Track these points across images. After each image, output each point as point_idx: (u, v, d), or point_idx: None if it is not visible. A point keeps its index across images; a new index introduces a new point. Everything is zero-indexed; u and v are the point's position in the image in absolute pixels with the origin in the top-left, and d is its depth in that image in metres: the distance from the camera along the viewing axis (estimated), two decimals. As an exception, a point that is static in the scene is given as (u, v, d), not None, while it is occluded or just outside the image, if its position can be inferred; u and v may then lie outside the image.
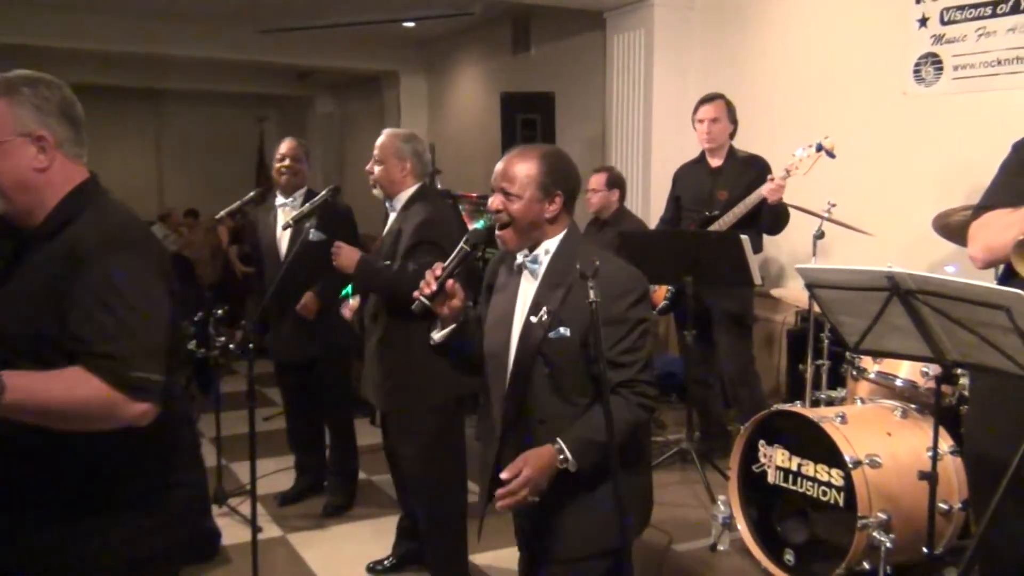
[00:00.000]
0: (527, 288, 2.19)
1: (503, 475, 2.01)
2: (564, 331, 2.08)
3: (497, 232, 2.18)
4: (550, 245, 2.18)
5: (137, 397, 1.67)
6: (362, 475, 4.49)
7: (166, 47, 9.29)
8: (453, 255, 2.18)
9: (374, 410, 5.05)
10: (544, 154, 2.18)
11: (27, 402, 1.60)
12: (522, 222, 2.14)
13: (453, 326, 2.21)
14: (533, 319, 2.12)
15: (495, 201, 2.16)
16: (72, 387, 1.64)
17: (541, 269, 2.16)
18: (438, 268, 2.14)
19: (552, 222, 2.17)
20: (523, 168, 2.14)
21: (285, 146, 4.21)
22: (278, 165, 4.18)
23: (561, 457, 2.03)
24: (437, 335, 2.24)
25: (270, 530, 4.06)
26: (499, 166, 2.18)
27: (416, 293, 2.13)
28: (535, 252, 2.18)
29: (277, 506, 4.35)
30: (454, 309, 2.18)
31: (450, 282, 2.13)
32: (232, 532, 3.91)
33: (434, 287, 2.11)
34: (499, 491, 2.01)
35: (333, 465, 4.41)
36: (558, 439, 2.04)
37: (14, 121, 1.72)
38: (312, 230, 3.46)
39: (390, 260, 3.21)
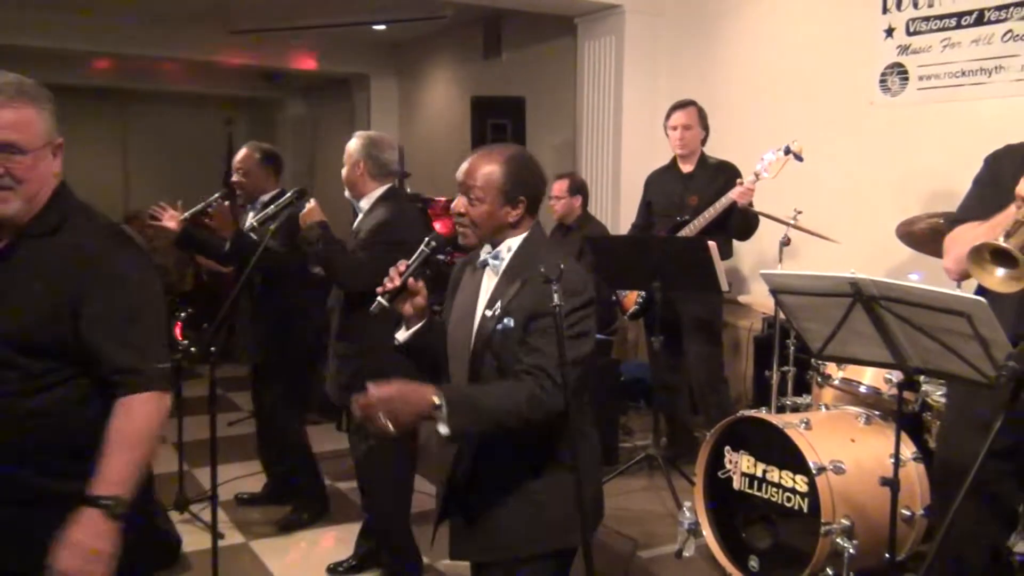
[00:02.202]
0: (488, 285, 2.19)
1: (369, 389, 1.94)
2: (508, 322, 2.06)
3: (459, 228, 2.18)
4: (512, 243, 2.17)
5: (166, 389, 1.86)
6: (328, 482, 4.44)
7: (134, 47, 9.18)
8: (415, 255, 2.17)
9: (340, 414, 5.01)
10: (508, 158, 2.15)
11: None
12: (483, 227, 2.14)
13: (418, 326, 2.20)
14: (488, 313, 2.12)
15: (458, 203, 2.15)
16: (143, 423, 1.82)
17: (502, 266, 2.16)
18: (401, 265, 2.14)
19: (515, 226, 2.17)
20: (485, 172, 2.12)
21: (236, 158, 4.15)
22: (231, 178, 4.15)
23: (436, 401, 1.93)
24: (401, 335, 2.22)
25: (232, 536, 4.00)
26: (464, 165, 2.16)
27: (378, 290, 2.12)
28: (498, 248, 2.17)
29: (235, 506, 4.30)
30: (418, 307, 2.17)
31: (411, 280, 2.12)
32: (193, 539, 3.85)
33: (397, 283, 2.11)
34: (358, 398, 1.94)
35: (297, 479, 4.32)
36: (439, 388, 1.98)
37: (44, 129, 1.81)
38: (269, 238, 3.45)
39: None
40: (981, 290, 2.34)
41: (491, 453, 2.11)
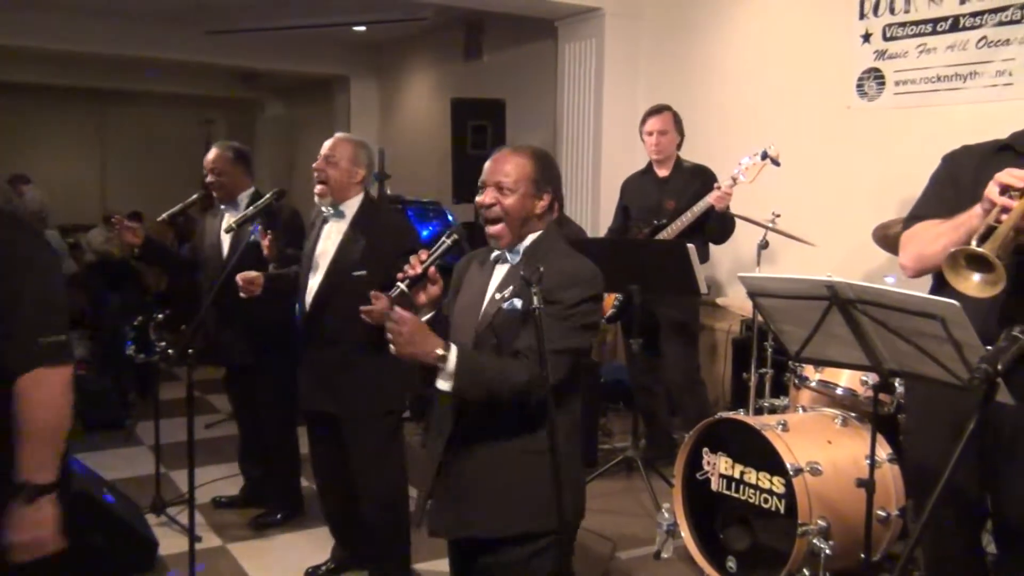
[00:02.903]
0: (500, 273, 2.25)
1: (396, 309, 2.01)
2: (516, 302, 2.13)
3: (489, 229, 2.22)
4: (529, 240, 2.25)
5: (56, 361, 1.94)
6: (305, 483, 4.42)
7: (111, 47, 9.10)
8: (437, 246, 2.20)
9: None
10: (536, 153, 2.26)
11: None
12: (515, 216, 2.20)
13: (428, 315, 2.20)
14: (498, 296, 2.19)
15: (487, 196, 2.20)
16: (36, 406, 1.89)
17: (517, 258, 2.23)
18: (423, 254, 2.17)
19: (540, 218, 2.25)
20: (517, 164, 2.21)
21: (208, 159, 4.09)
22: (205, 180, 4.12)
23: (441, 353, 2.02)
24: (395, 291, 2.21)
25: (209, 539, 3.98)
26: (490, 164, 2.24)
27: (399, 275, 2.14)
28: (515, 246, 2.24)
29: (213, 508, 4.28)
30: (432, 296, 2.20)
31: (431, 269, 2.15)
32: (170, 542, 3.82)
33: (419, 270, 2.13)
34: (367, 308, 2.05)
35: (275, 478, 4.31)
36: (452, 344, 2.06)
37: None
38: (254, 234, 3.41)
39: (354, 269, 3.20)
40: (937, 285, 2.37)
41: (477, 436, 2.17)
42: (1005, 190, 2.13)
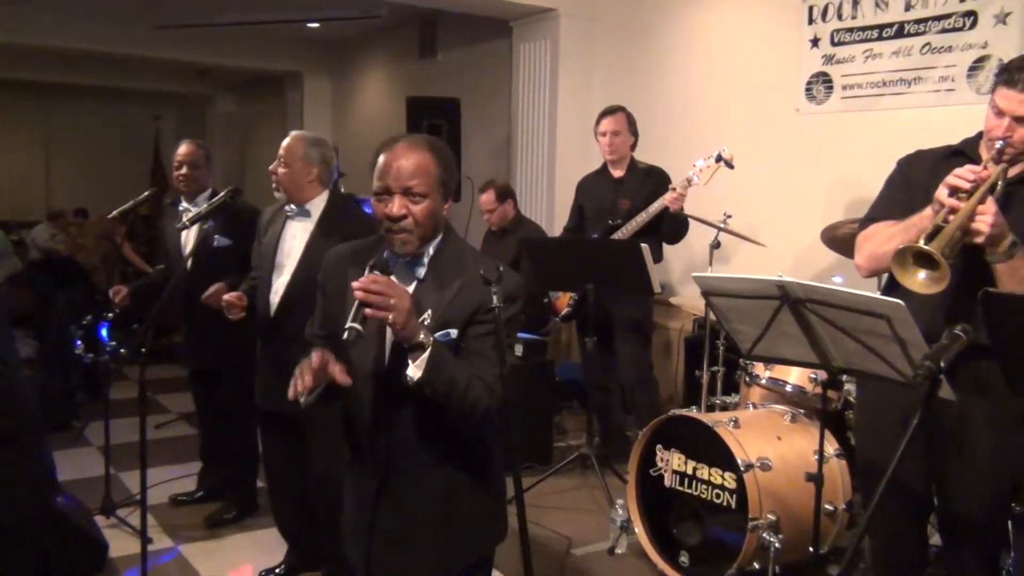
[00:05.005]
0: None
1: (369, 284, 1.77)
2: (452, 333, 1.92)
3: (399, 235, 1.93)
4: (432, 245, 2.00)
5: None
6: (260, 483, 4.38)
7: (57, 40, 8.90)
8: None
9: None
10: (433, 145, 1.99)
11: None
12: (428, 224, 1.94)
13: (320, 388, 1.91)
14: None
15: (396, 206, 1.91)
16: None
17: (423, 270, 1.98)
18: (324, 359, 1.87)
19: (443, 220, 2.03)
20: (422, 164, 1.93)
21: (182, 152, 4.07)
22: (175, 173, 4.07)
23: (423, 340, 1.80)
24: (304, 400, 1.87)
25: (161, 541, 3.93)
26: (388, 163, 1.94)
27: (291, 394, 1.84)
28: (419, 252, 1.98)
29: (165, 509, 4.23)
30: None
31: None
32: (121, 544, 3.77)
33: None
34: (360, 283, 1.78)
35: (233, 477, 4.27)
36: (433, 336, 1.85)
37: None
38: (216, 236, 3.38)
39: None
40: (890, 286, 2.45)
41: (403, 469, 2.00)
42: (954, 192, 2.21)
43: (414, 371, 1.81)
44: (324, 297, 2.14)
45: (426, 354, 1.80)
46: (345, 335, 1.78)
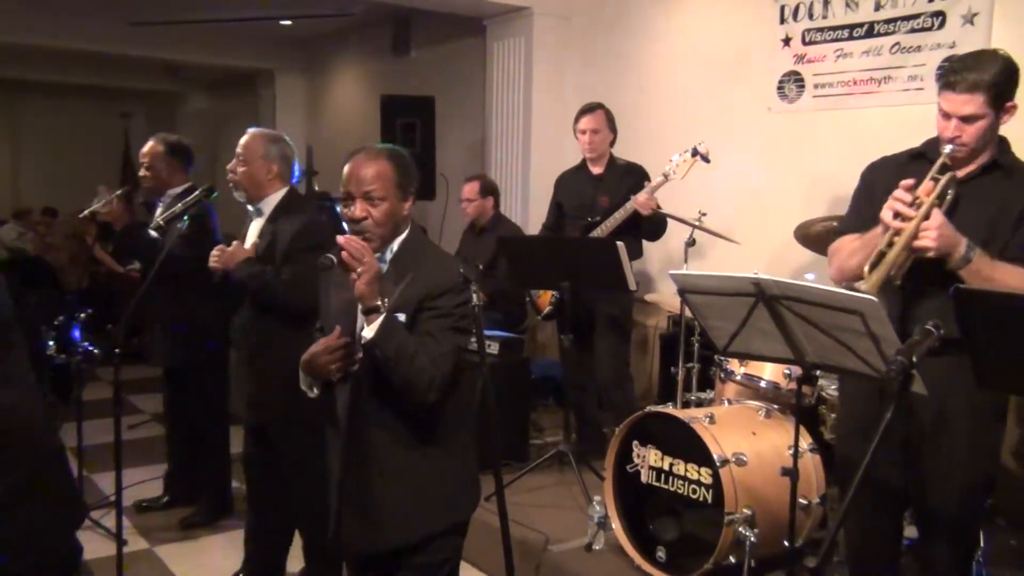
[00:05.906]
0: None
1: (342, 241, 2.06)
2: (401, 317, 2.13)
3: (361, 236, 2.17)
4: (395, 244, 2.24)
5: None
6: (235, 484, 4.36)
7: (25, 35, 8.77)
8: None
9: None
10: (392, 154, 2.25)
11: None
12: (387, 225, 2.19)
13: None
14: None
15: (358, 209, 2.17)
16: None
17: (385, 266, 2.21)
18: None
19: (404, 220, 2.25)
20: (379, 171, 2.19)
21: (143, 150, 4.04)
22: (140, 171, 4.04)
23: (380, 305, 2.05)
24: (313, 392, 2.28)
25: (136, 543, 3.90)
26: (351, 172, 2.21)
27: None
28: (383, 250, 2.23)
29: (136, 511, 4.21)
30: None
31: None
32: (94, 546, 3.73)
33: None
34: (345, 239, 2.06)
35: (204, 478, 4.25)
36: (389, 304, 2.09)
37: None
38: (182, 226, 3.36)
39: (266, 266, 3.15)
40: None
41: (368, 440, 2.18)
42: (897, 213, 2.27)
43: (368, 331, 2.05)
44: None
45: (381, 319, 2.04)
46: (320, 261, 2.13)
